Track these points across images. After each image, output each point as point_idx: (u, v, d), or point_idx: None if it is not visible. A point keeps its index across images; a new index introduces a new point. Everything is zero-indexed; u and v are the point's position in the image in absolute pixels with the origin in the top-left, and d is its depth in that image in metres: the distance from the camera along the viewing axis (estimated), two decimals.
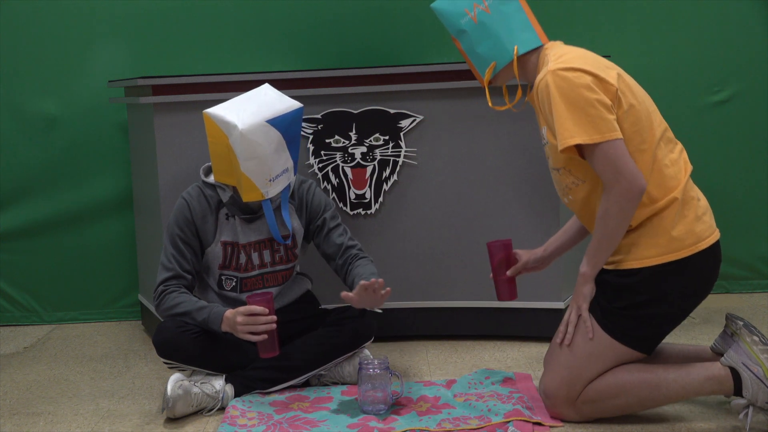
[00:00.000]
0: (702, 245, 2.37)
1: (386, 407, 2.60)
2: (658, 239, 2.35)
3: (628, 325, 2.38)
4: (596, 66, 2.33)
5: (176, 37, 3.74)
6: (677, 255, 2.35)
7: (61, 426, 2.67)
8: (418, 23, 3.71)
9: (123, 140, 3.77)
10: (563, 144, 2.29)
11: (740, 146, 3.77)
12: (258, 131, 2.70)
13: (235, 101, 2.79)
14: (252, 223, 2.88)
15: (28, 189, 3.79)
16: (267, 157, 2.72)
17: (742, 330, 2.35)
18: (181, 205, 2.87)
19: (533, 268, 2.73)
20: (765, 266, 3.83)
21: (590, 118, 2.26)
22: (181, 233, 2.84)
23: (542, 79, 2.34)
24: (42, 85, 3.75)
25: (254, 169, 2.72)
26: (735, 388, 2.32)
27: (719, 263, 2.44)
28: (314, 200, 2.96)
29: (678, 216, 2.36)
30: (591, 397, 2.41)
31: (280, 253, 2.91)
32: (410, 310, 3.31)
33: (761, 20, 3.71)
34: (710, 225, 2.42)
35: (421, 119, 3.21)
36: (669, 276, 2.35)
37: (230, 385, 2.74)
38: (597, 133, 2.26)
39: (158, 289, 2.82)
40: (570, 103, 2.27)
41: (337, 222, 2.97)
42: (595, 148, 2.27)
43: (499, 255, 2.68)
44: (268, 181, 2.75)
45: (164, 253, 2.85)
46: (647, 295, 2.36)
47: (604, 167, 2.28)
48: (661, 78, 3.72)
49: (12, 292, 3.84)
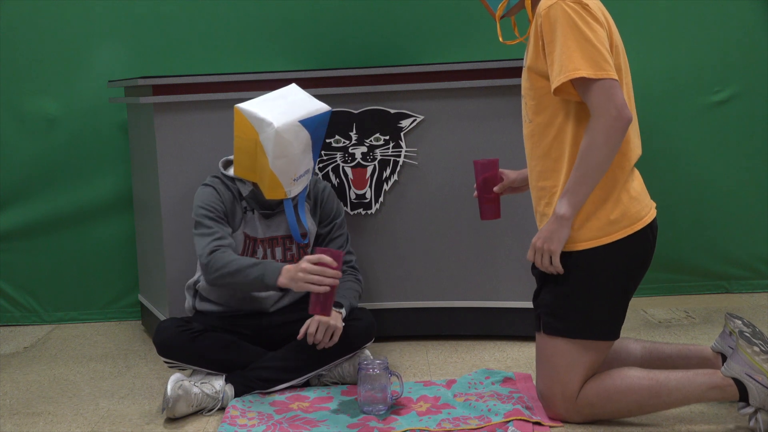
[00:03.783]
0: (638, 225, 2.38)
1: (386, 407, 2.60)
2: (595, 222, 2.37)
3: (580, 315, 2.39)
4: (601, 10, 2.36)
5: (176, 37, 3.74)
6: (612, 237, 2.36)
7: (61, 426, 2.67)
8: (418, 23, 3.71)
9: (123, 140, 3.77)
10: (567, 75, 2.26)
11: (740, 146, 3.77)
12: (291, 130, 2.72)
13: (266, 99, 2.80)
14: (268, 219, 2.90)
15: (28, 189, 3.79)
16: (295, 156, 2.74)
17: (741, 341, 2.34)
18: (207, 191, 2.85)
19: (520, 188, 2.71)
20: (765, 266, 3.83)
21: (598, 51, 2.26)
22: (212, 212, 2.81)
23: (553, 6, 2.29)
24: (42, 85, 3.75)
25: (283, 167, 2.73)
26: (741, 397, 2.32)
27: (654, 240, 2.45)
28: (328, 204, 2.99)
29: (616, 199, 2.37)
30: (591, 400, 2.41)
31: (291, 252, 2.92)
32: (410, 310, 3.31)
33: (761, 20, 3.71)
34: (646, 203, 2.43)
35: (422, 119, 3.21)
36: (606, 257, 2.37)
37: (230, 385, 2.74)
38: (601, 70, 2.26)
39: (206, 260, 2.73)
40: (579, 35, 2.26)
41: (342, 232, 3.00)
42: (594, 83, 2.26)
43: (484, 173, 2.65)
44: (293, 181, 2.78)
45: (199, 235, 2.79)
46: (587, 275, 2.38)
47: (598, 98, 2.26)
48: (661, 78, 3.72)
49: (12, 292, 3.84)
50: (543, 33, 2.33)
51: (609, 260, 2.37)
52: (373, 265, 3.27)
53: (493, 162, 2.68)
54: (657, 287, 3.81)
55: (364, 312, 2.93)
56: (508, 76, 3.13)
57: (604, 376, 2.42)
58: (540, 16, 2.33)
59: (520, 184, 2.71)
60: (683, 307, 3.67)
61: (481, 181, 2.66)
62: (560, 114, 2.37)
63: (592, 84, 2.27)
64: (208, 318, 2.91)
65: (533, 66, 2.39)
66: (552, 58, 2.30)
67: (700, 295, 3.83)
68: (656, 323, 3.45)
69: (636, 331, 3.33)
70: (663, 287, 3.83)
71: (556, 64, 2.29)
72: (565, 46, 2.27)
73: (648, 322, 3.47)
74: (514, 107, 3.08)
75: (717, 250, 3.82)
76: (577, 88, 2.30)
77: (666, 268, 3.78)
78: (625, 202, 2.37)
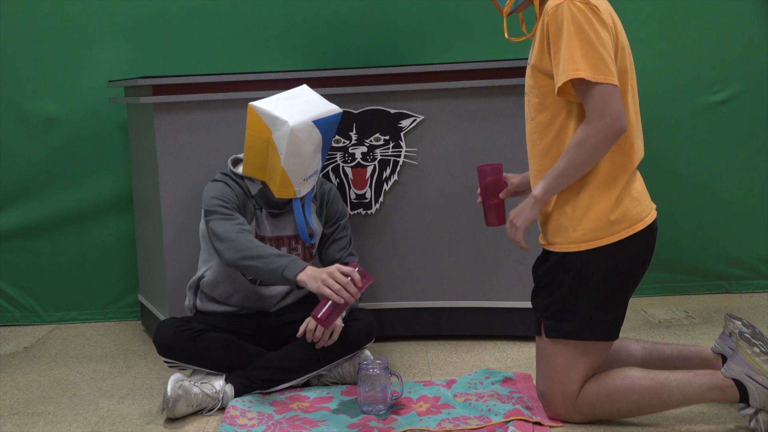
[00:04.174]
0: (638, 226, 2.38)
1: (386, 407, 2.60)
2: (596, 222, 2.37)
3: (580, 316, 2.39)
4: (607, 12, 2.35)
5: (176, 37, 3.74)
6: (613, 238, 2.36)
7: (61, 426, 2.67)
8: (419, 23, 3.71)
9: (123, 140, 3.77)
10: (568, 75, 2.26)
11: (740, 146, 3.77)
12: (305, 130, 2.73)
13: (279, 98, 2.81)
14: (276, 218, 2.90)
15: (28, 189, 3.79)
16: (307, 156, 2.76)
17: (741, 342, 2.34)
18: (219, 185, 2.84)
19: (524, 192, 2.70)
20: (765, 266, 3.83)
21: (600, 56, 2.26)
22: (228, 202, 2.80)
23: (561, 5, 2.29)
24: (42, 85, 3.75)
25: (294, 167, 2.75)
26: (741, 397, 2.32)
27: (654, 242, 2.45)
28: (332, 205, 3.00)
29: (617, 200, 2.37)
30: (591, 400, 2.41)
31: (297, 252, 2.93)
32: (410, 310, 3.31)
33: (761, 20, 3.71)
34: (647, 205, 2.43)
35: (422, 119, 3.21)
36: (607, 258, 2.37)
37: (230, 385, 2.74)
38: (600, 74, 2.25)
39: (233, 235, 2.68)
40: (584, 38, 2.26)
41: (345, 233, 3.00)
42: (593, 86, 2.26)
43: (487, 178, 2.61)
44: (303, 180, 2.80)
45: (218, 218, 2.75)
46: (588, 275, 2.38)
47: (594, 102, 2.27)
48: (661, 78, 3.72)
49: (12, 292, 3.84)
50: (549, 32, 2.32)
51: (609, 261, 2.37)
52: (373, 265, 3.27)
53: (497, 167, 2.63)
54: (657, 287, 3.81)
55: (364, 312, 2.93)
56: (508, 76, 3.13)
57: (605, 377, 2.42)
58: (547, 14, 2.32)
59: (525, 188, 2.69)
60: (683, 307, 3.67)
61: (485, 186, 2.62)
62: (562, 113, 2.37)
63: (591, 87, 2.27)
64: (209, 317, 2.91)
65: (538, 64, 2.39)
66: (557, 59, 2.30)
67: (700, 295, 3.83)
68: (656, 323, 3.45)
69: (636, 331, 3.33)
70: (663, 287, 3.83)
71: (560, 65, 2.29)
72: (568, 46, 2.27)
73: (648, 322, 3.47)
74: (514, 107, 3.08)
75: (717, 250, 3.82)
76: (577, 89, 2.30)
77: (666, 268, 3.78)
78: (626, 203, 2.37)
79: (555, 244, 2.42)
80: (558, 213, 2.41)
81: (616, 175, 2.36)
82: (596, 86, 2.26)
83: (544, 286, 2.46)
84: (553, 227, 2.42)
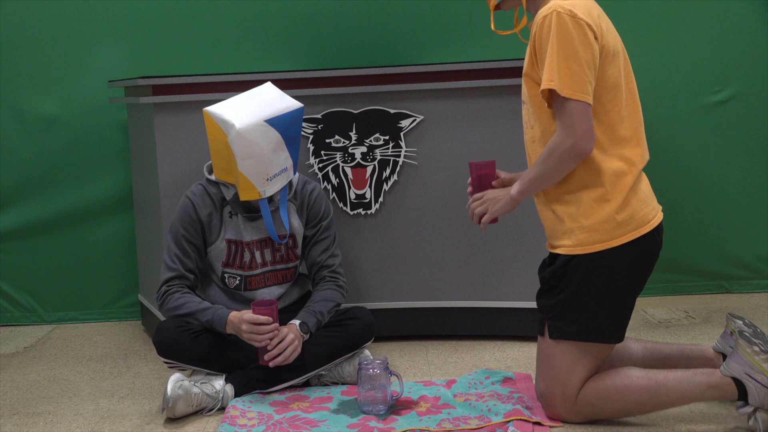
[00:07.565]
0: (645, 228, 2.38)
1: (386, 407, 2.60)
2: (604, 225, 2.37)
3: (586, 318, 2.39)
4: (595, 21, 2.33)
5: (176, 37, 3.74)
6: (620, 240, 2.36)
7: (61, 426, 2.67)
8: (418, 23, 3.71)
9: (123, 140, 3.77)
10: (543, 85, 2.29)
11: (740, 146, 3.77)
12: (256, 131, 2.71)
13: (236, 100, 2.80)
14: (254, 221, 2.89)
15: (28, 189, 3.79)
16: (264, 156, 2.73)
17: (741, 341, 2.34)
18: (185, 205, 2.87)
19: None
20: (765, 266, 3.83)
21: (572, 71, 2.26)
22: (185, 233, 2.84)
23: (548, 15, 2.30)
24: (42, 85, 3.75)
25: (251, 168, 2.73)
26: (740, 396, 2.32)
27: (661, 244, 2.45)
28: (315, 205, 2.96)
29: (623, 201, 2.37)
30: (590, 400, 2.41)
31: (281, 252, 2.92)
32: (410, 310, 3.31)
33: (761, 20, 3.71)
34: (653, 207, 2.43)
35: (421, 119, 3.21)
36: (614, 260, 2.37)
37: (230, 385, 2.74)
38: (572, 90, 2.26)
39: (161, 290, 2.82)
40: (563, 50, 2.26)
41: (327, 235, 2.97)
42: (564, 101, 2.27)
43: (477, 172, 2.59)
44: (266, 180, 2.76)
45: (167, 253, 2.85)
46: (593, 279, 2.38)
47: (562, 119, 2.29)
48: (661, 78, 3.72)
49: (12, 292, 3.84)
50: (536, 41, 2.34)
51: (617, 263, 2.37)
52: (373, 265, 3.27)
53: (489, 163, 2.63)
54: (657, 287, 3.81)
55: (363, 311, 2.93)
56: (508, 76, 3.13)
57: (604, 376, 2.42)
58: (536, 23, 2.34)
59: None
60: (683, 307, 3.67)
61: (476, 177, 2.59)
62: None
63: (563, 102, 2.28)
64: None
65: (528, 72, 2.41)
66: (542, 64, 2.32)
67: (700, 295, 3.83)
68: (656, 323, 3.45)
69: (636, 331, 3.33)
70: (663, 287, 3.83)
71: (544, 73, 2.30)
72: (550, 57, 2.28)
73: (648, 322, 3.46)
74: (514, 107, 3.08)
75: (717, 250, 3.82)
76: (553, 101, 2.32)
77: (666, 268, 3.78)
78: (633, 205, 2.37)
79: (562, 247, 2.42)
80: (565, 216, 2.40)
81: (623, 178, 2.36)
82: (567, 101, 2.27)
83: (550, 287, 2.46)
84: (560, 230, 2.42)
